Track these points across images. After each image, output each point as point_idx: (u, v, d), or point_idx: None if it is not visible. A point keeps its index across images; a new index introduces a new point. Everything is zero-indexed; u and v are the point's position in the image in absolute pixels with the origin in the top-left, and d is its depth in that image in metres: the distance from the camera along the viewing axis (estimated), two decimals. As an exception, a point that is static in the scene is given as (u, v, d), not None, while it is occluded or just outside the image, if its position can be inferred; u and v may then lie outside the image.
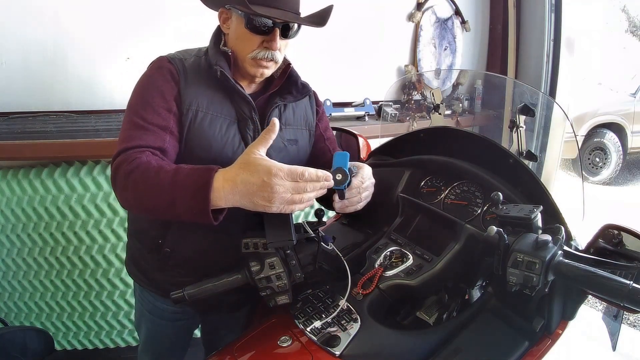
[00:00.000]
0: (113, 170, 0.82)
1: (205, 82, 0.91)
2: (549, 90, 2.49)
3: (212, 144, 0.89)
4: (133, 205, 0.82)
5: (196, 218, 0.74)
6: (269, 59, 0.90)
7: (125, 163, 0.79)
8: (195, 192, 0.72)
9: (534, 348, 0.77)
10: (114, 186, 0.83)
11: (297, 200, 0.71)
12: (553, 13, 2.44)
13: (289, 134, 0.99)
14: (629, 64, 7.06)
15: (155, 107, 0.86)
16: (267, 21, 0.87)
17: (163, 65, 0.91)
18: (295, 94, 0.99)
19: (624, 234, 0.77)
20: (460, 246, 0.83)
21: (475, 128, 2.47)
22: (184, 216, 0.76)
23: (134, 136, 0.84)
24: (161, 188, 0.75)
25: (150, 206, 0.78)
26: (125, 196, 0.81)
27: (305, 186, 0.71)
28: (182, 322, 1.11)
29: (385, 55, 2.46)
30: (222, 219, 0.77)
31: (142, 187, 0.77)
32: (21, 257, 1.73)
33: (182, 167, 0.78)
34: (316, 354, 0.73)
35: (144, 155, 0.80)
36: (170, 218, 0.81)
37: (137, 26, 1.86)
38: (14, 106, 1.76)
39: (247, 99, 0.92)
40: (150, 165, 0.78)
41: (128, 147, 0.82)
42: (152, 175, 0.77)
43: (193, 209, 0.74)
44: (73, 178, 1.65)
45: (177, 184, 0.74)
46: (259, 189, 0.70)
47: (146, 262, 1.02)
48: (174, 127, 0.87)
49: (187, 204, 0.74)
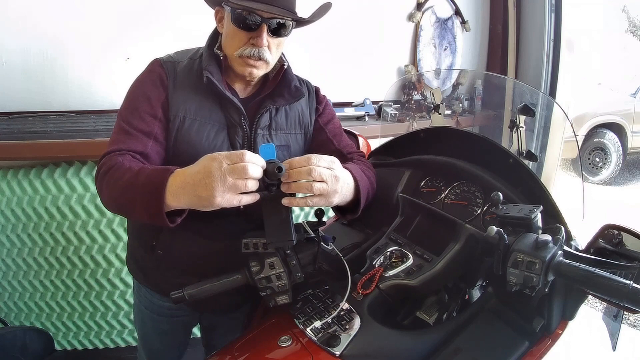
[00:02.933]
0: (96, 172, 0.84)
1: (194, 87, 0.90)
2: (549, 90, 2.49)
3: (200, 150, 0.87)
4: (108, 204, 0.84)
5: (152, 219, 0.75)
6: (257, 57, 0.87)
7: (104, 165, 0.82)
8: (150, 192, 0.73)
9: (534, 348, 0.77)
10: (96, 187, 0.85)
11: (240, 187, 0.69)
12: (553, 13, 2.44)
13: (279, 140, 0.96)
14: (629, 64, 7.07)
15: (141, 112, 0.87)
16: (255, 17, 0.84)
17: (154, 69, 0.91)
18: (287, 97, 0.95)
19: (624, 234, 0.77)
20: (460, 246, 0.83)
21: (475, 128, 2.47)
22: (141, 217, 0.76)
23: (118, 140, 0.86)
24: (125, 187, 0.77)
25: (117, 205, 0.81)
26: (101, 196, 0.83)
27: (246, 168, 0.68)
28: (179, 318, 1.11)
29: (385, 55, 2.45)
30: (179, 221, 0.77)
31: (112, 186, 0.79)
32: (21, 257, 1.73)
33: (145, 167, 0.79)
34: (316, 354, 0.73)
35: (122, 158, 0.82)
36: (136, 219, 0.83)
37: (137, 26, 1.86)
38: (14, 106, 1.76)
39: (235, 105, 0.90)
40: (122, 166, 0.80)
41: (110, 150, 0.84)
42: (119, 175, 0.78)
43: (149, 210, 0.74)
44: (73, 178, 1.65)
45: (137, 184, 0.76)
46: (201, 177, 0.69)
47: (143, 261, 1.03)
48: (159, 133, 0.88)
49: (143, 204, 0.74)
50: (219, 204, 0.70)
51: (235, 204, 0.71)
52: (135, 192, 0.75)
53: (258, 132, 0.93)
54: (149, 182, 0.74)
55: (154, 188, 0.73)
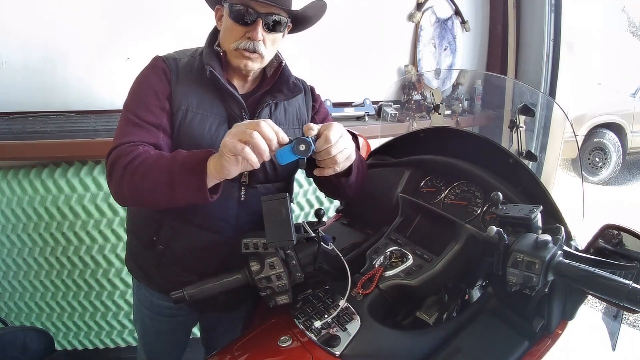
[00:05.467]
0: (109, 165, 0.84)
1: (196, 82, 0.93)
2: (549, 90, 2.48)
3: (201, 143, 0.90)
4: (128, 195, 0.84)
5: (193, 195, 0.78)
6: (251, 50, 0.90)
7: (122, 156, 0.82)
8: (192, 169, 0.76)
9: (534, 348, 0.77)
10: (109, 180, 0.85)
11: (247, 137, 0.71)
12: (553, 13, 2.44)
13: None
14: (629, 64, 7.07)
15: (149, 105, 0.89)
16: (251, 12, 0.88)
17: (157, 64, 0.94)
18: (286, 93, 0.98)
19: (623, 234, 0.77)
20: (460, 246, 0.83)
21: (475, 128, 2.47)
22: (180, 194, 0.78)
23: (129, 133, 0.87)
24: (160, 169, 0.79)
25: (147, 190, 0.81)
26: (121, 187, 0.83)
27: (252, 132, 0.70)
28: (179, 318, 1.11)
29: (385, 55, 2.45)
30: (216, 198, 0.79)
31: (142, 173, 0.80)
32: (21, 257, 1.73)
33: (181, 151, 0.82)
34: (316, 354, 0.73)
35: (141, 147, 0.84)
36: (167, 202, 0.83)
37: (137, 26, 1.86)
38: (14, 106, 1.76)
39: (237, 99, 0.93)
40: (149, 154, 0.82)
41: (123, 142, 0.85)
42: (151, 162, 0.80)
43: (189, 185, 0.77)
44: (73, 178, 1.65)
45: (175, 163, 0.78)
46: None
47: (143, 259, 1.04)
48: (167, 126, 0.90)
49: (184, 180, 0.77)
50: (231, 163, 0.73)
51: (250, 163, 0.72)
52: (174, 171, 0.78)
53: None
54: (190, 161, 0.77)
55: (194, 165, 0.76)
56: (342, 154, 0.79)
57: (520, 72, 2.62)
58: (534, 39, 2.52)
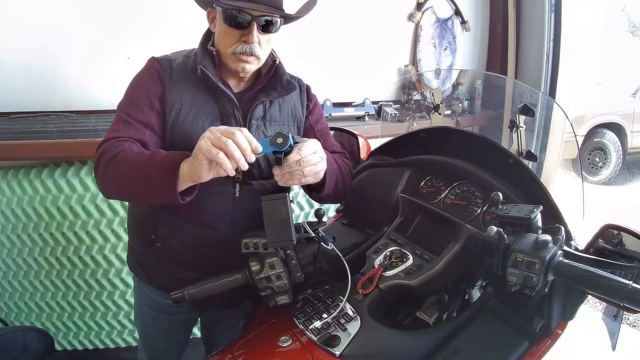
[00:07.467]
0: (96, 159, 0.87)
1: (189, 81, 0.94)
2: (549, 90, 2.48)
3: (194, 140, 0.89)
4: (111, 189, 0.88)
5: (164, 196, 0.80)
6: (249, 53, 0.91)
7: (108, 150, 0.86)
8: (166, 170, 0.78)
9: (534, 348, 0.77)
10: (95, 173, 0.89)
11: (221, 144, 0.71)
12: (553, 13, 2.43)
13: (273, 131, 0.99)
14: (629, 64, 7.06)
15: (139, 104, 0.92)
16: (245, 16, 0.88)
17: (151, 65, 0.96)
18: (279, 90, 0.99)
19: (623, 234, 0.77)
20: (460, 246, 0.83)
21: (475, 128, 2.47)
22: (153, 193, 0.81)
23: (117, 129, 0.90)
24: (139, 166, 0.82)
25: (127, 185, 0.84)
26: (104, 180, 0.87)
27: (227, 140, 0.71)
28: (179, 316, 1.12)
29: (385, 55, 2.45)
30: (188, 200, 0.82)
31: (122, 168, 0.83)
32: (21, 257, 1.73)
33: (160, 151, 0.84)
34: (316, 354, 0.73)
35: (126, 143, 0.86)
36: (144, 198, 0.87)
37: (137, 26, 1.86)
38: (14, 106, 1.76)
39: (229, 97, 0.94)
40: (132, 150, 0.85)
41: (111, 137, 0.88)
42: (132, 158, 0.83)
43: (161, 186, 0.79)
44: (73, 178, 1.65)
45: (152, 163, 0.81)
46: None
47: (143, 256, 1.05)
48: (156, 124, 0.92)
49: (157, 180, 0.79)
50: (204, 169, 0.75)
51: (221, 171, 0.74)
52: (149, 172, 0.80)
53: (252, 123, 0.96)
54: (165, 164, 0.80)
55: (168, 168, 0.79)
56: (309, 169, 0.82)
57: (520, 72, 2.62)
58: (534, 39, 2.51)
